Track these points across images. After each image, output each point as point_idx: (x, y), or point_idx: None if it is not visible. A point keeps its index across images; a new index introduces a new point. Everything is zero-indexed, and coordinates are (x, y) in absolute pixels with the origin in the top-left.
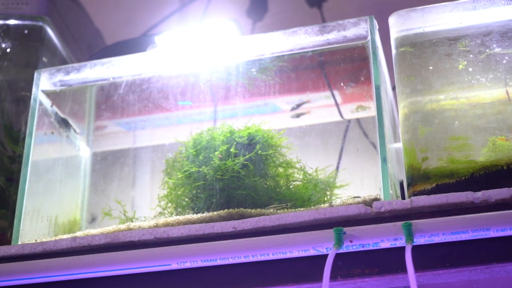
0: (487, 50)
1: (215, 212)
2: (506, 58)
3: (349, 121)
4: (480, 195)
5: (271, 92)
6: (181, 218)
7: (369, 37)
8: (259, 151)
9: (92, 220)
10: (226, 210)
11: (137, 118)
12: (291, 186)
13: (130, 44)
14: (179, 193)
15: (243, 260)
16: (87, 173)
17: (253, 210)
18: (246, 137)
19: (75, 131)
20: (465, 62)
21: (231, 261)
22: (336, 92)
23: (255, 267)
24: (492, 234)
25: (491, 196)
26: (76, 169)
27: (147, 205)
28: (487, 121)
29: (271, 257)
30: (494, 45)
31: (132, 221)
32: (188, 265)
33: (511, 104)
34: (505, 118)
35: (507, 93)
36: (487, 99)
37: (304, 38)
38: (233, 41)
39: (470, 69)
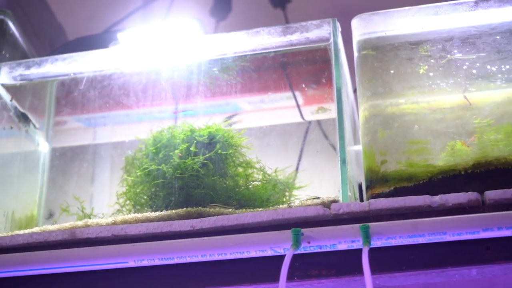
0: (448, 56)
1: (173, 211)
2: (467, 64)
3: (309, 122)
4: (437, 199)
5: (232, 92)
6: (139, 216)
7: (331, 39)
8: (219, 151)
9: (50, 216)
10: (184, 208)
11: (98, 115)
12: (250, 186)
13: (92, 40)
14: (138, 190)
15: (200, 259)
16: (46, 168)
17: (211, 209)
18: (207, 136)
19: (34, 126)
20: (426, 67)
21: (188, 260)
22: (297, 93)
23: (213, 266)
24: (448, 238)
25: (449, 200)
26: (34, 165)
27: (105, 202)
28: (446, 126)
29: (228, 256)
30: (455, 51)
31: (90, 218)
32: (145, 263)
33: (470, 109)
34: (464, 123)
35: (466, 98)
36: (447, 104)
37: (267, 39)
38: (195, 40)
39: (431, 74)
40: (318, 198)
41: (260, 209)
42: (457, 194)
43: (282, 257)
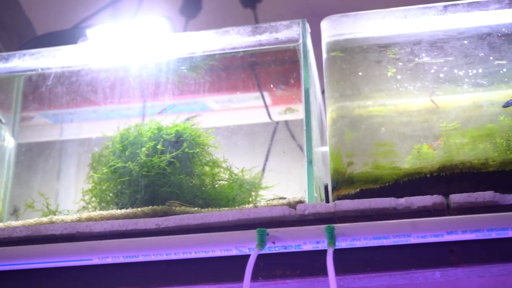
0: (416, 59)
1: (139, 209)
2: (434, 67)
3: (277, 122)
4: (403, 202)
5: (200, 91)
6: (104, 213)
7: (300, 40)
8: (186, 149)
9: (14, 211)
10: (150, 206)
11: (65, 111)
12: (216, 186)
13: (61, 35)
14: (103, 188)
15: (165, 257)
16: (11, 164)
17: (177, 208)
18: (174, 135)
19: (0, 121)
20: (394, 70)
21: (153, 258)
22: (265, 94)
23: (177, 265)
24: (412, 240)
25: (414, 203)
26: (0, 160)
27: (71, 199)
28: (413, 129)
29: (193, 255)
30: (423, 54)
31: (55, 215)
32: (109, 260)
33: (437, 113)
34: (431, 126)
35: (433, 101)
36: (414, 107)
37: (236, 38)
38: (165, 38)
39: (399, 77)
40: (284, 198)
41: (226, 209)
42: (422, 197)
43: (247, 256)
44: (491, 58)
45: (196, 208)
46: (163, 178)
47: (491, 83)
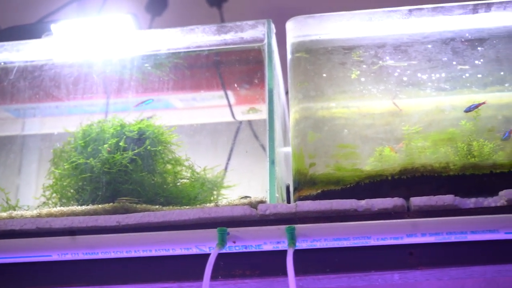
0: (380, 62)
1: (100, 205)
2: (398, 71)
3: (240, 122)
4: (363, 204)
5: (164, 88)
6: (65, 209)
7: (265, 40)
8: (149, 147)
9: None
10: (111, 203)
11: (27, 105)
12: (178, 184)
13: (25, 30)
14: (64, 184)
15: (125, 255)
16: None
17: (138, 205)
18: (137, 132)
19: None
20: (358, 72)
21: (113, 255)
22: (229, 93)
23: (137, 263)
24: (372, 242)
25: (374, 205)
26: None
27: (31, 194)
28: (375, 131)
29: (153, 253)
30: (387, 58)
31: (14, 210)
32: (69, 257)
33: (399, 116)
34: (393, 129)
35: (395, 104)
36: (377, 109)
37: (202, 37)
38: (129, 34)
39: (363, 79)
40: (249, 197)
41: (187, 207)
42: (383, 199)
43: (207, 255)
44: (454, 63)
45: (157, 206)
46: (124, 175)
47: (454, 87)
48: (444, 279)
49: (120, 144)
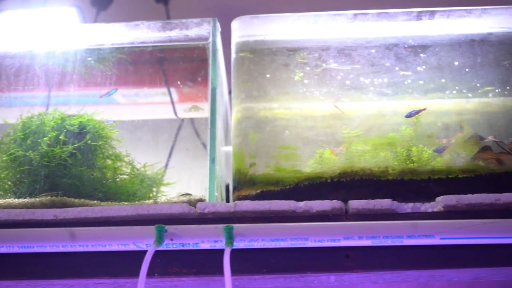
0: (324, 65)
1: (37, 199)
2: (341, 74)
3: (182, 120)
4: (302, 205)
5: (107, 83)
6: (1, 201)
7: (210, 39)
8: (89, 141)
9: None
10: (49, 197)
11: None
12: (117, 179)
13: None
14: (2, 176)
15: (61, 249)
16: None
17: (76, 200)
18: (77, 126)
19: None
20: (302, 74)
21: (49, 249)
22: (172, 90)
23: (73, 257)
24: (310, 244)
25: (313, 207)
26: None
27: None
28: (317, 134)
29: (90, 248)
30: (331, 61)
31: None
32: (4, 250)
33: (341, 119)
34: (334, 132)
35: (337, 107)
36: (319, 112)
37: (146, 33)
38: (73, 27)
39: (306, 81)
40: (189, 194)
41: (126, 203)
42: (321, 202)
43: (144, 252)
44: (396, 68)
45: (95, 201)
46: (63, 169)
47: (396, 93)
48: (379, 283)
49: (60, 137)
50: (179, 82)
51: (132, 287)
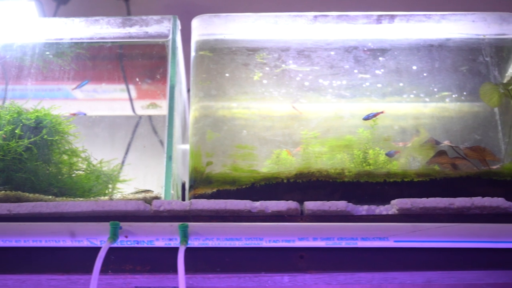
0: (283, 65)
1: None
2: (300, 75)
3: (140, 117)
4: (258, 205)
5: (65, 78)
6: None
7: (170, 36)
8: (45, 136)
9: None
10: (3, 191)
11: None
12: (73, 175)
13: None
14: None
15: (14, 244)
16: None
17: (31, 195)
18: (34, 120)
19: None
20: (261, 74)
21: (2, 244)
22: (131, 87)
23: (27, 253)
24: (264, 244)
25: (268, 207)
26: None
27: None
28: (274, 134)
29: (43, 244)
30: (290, 61)
31: None
32: None
33: (299, 120)
34: (292, 133)
35: (295, 108)
36: (277, 112)
37: (106, 29)
38: (32, 21)
39: (265, 81)
40: (149, 190)
41: (81, 199)
42: (277, 202)
43: (98, 249)
44: (355, 71)
45: (50, 197)
46: (19, 164)
47: (354, 95)
48: (333, 284)
49: (16, 131)
50: (138, 79)
51: (85, 284)
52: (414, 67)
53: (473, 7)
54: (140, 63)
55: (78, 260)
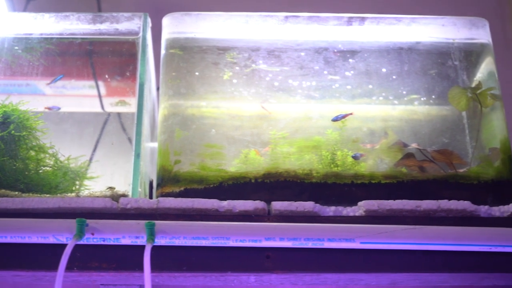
0: (253, 65)
1: None
2: (270, 75)
3: (109, 114)
4: (225, 205)
5: (34, 73)
6: None
7: (140, 34)
8: (13, 131)
9: None
10: None
11: None
12: (40, 171)
13: None
14: None
15: None
16: None
17: None
18: (1, 115)
19: None
20: (231, 73)
21: None
22: (100, 83)
23: None
24: (231, 243)
25: (236, 206)
26: None
27: None
28: (243, 134)
29: (8, 240)
30: (261, 61)
31: None
32: None
33: (268, 120)
34: (260, 133)
35: (264, 108)
36: (246, 112)
37: (76, 24)
38: (1, 16)
39: (235, 81)
40: (114, 188)
41: (48, 196)
42: (244, 202)
43: (64, 246)
44: (325, 72)
45: (16, 193)
46: None
47: (323, 96)
48: (299, 284)
49: None
50: (107, 76)
51: (51, 281)
52: (384, 70)
53: (443, 11)
54: (110, 60)
55: (44, 257)
